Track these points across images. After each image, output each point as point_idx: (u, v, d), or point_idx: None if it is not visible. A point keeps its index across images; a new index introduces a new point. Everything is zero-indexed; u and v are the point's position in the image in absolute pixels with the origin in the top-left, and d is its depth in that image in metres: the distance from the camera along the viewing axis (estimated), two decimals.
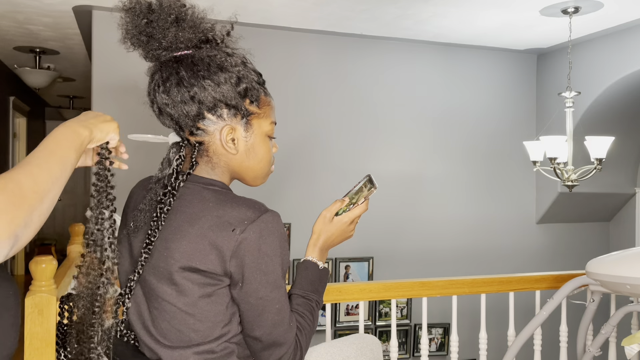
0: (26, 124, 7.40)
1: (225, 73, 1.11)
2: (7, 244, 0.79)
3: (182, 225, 1.09)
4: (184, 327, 1.09)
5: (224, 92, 1.11)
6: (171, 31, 1.10)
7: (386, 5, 3.58)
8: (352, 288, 2.38)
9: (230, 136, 1.14)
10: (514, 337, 2.60)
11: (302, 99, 4.20)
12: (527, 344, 2.70)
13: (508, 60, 4.77)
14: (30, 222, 0.84)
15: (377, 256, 4.42)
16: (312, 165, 4.24)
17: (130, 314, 1.18)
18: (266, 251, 1.07)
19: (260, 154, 1.18)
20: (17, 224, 0.80)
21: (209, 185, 1.14)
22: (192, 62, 1.11)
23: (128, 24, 1.12)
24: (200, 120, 1.12)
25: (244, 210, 1.07)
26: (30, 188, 0.86)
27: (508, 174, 4.79)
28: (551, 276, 2.65)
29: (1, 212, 0.78)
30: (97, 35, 3.76)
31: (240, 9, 3.60)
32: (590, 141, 3.40)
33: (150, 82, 1.15)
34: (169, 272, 1.09)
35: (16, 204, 0.81)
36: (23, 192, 0.84)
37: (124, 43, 1.14)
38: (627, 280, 2.14)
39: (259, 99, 1.17)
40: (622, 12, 3.67)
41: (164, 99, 1.12)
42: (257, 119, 1.17)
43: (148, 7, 1.11)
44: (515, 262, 4.77)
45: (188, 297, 1.08)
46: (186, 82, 1.10)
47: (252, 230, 1.06)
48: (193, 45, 1.12)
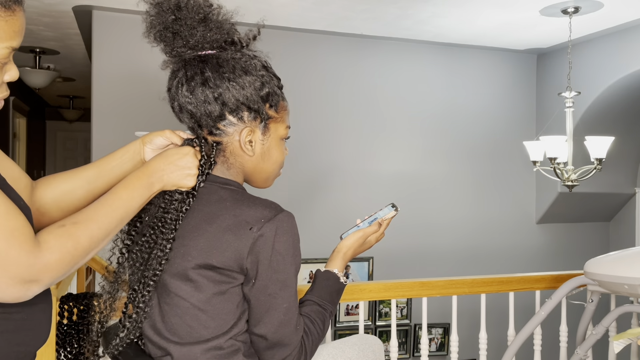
0: (26, 124, 7.40)
1: (250, 76, 1.13)
2: (42, 289, 0.93)
3: (200, 223, 1.11)
4: (196, 323, 1.10)
5: (248, 95, 1.13)
6: (199, 30, 1.12)
7: (386, 5, 3.58)
8: (352, 288, 2.38)
9: (249, 138, 1.16)
10: (514, 337, 2.60)
11: (302, 98, 4.20)
12: (527, 344, 2.70)
13: (508, 60, 4.77)
14: (67, 272, 0.96)
15: (377, 256, 4.42)
16: (311, 165, 4.24)
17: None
18: (279, 249, 1.09)
19: (274, 157, 1.21)
20: (57, 277, 0.93)
21: (225, 184, 1.16)
22: (218, 64, 1.12)
23: (154, 19, 1.13)
24: (221, 121, 1.14)
25: (261, 210, 1.09)
26: (84, 249, 0.96)
27: (508, 174, 4.79)
28: (551, 276, 2.65)
29: (50, 269, 0.91)
30: (97, 35, 3.76)
31: (240, 8, 3.60)
32: (590, 141, 3.40)
33: (172, 79, 1.16)
34: (184, 269, 1.10)
35: (65, 262, 0.93)
36: (76, 252, 0.95)
37: (147, 37, 1.15)
38: (625, 280, 2.14)
39: (278, 104, 1.19)
40: (622, 12, 3.67)
41: (187, 97, 1.13)
42: (275, 123, 1.19)
43: (176, 4, 1.12)
44: (515, 262, 4.77)
45: (202, 294, 1.09)
46: (212, 82, 1.12)
47: (269, 228, 1.08)
48: (218, 46, 1.14)
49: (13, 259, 0.87)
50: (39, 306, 1.01)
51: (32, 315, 1.00)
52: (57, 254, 0.92)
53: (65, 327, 1.79)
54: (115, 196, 1.04)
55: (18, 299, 0.90)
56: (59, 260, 0.92)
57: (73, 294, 1.84)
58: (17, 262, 0.87)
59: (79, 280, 2.95)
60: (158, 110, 3.46)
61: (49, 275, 0.91)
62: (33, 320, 1.00)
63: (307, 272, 4.26)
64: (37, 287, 0.91)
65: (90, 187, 1.17)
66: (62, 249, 0.93)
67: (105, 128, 3.78)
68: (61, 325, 1.79)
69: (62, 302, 1.80)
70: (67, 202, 1.15)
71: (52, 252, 0.91)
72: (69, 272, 0.96)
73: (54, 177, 1.21)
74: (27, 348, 1.00)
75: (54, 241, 0.92)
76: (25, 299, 0.91)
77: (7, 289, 0.88)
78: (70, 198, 1.16)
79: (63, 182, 1.19)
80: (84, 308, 1.81)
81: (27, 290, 0.90)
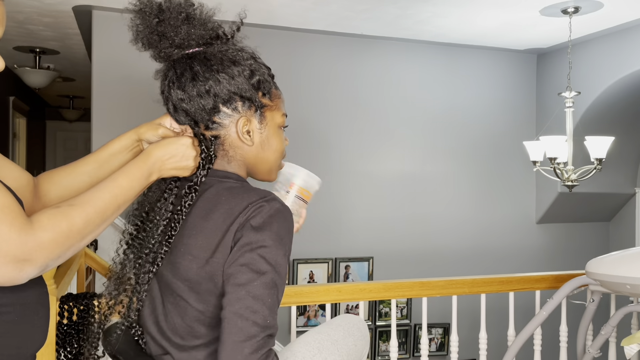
0: (26, 124, 7.40)
1: (238, 66, 1.14)
2: (36, 271, 0.90)
3: (197, 220, 1.10)
4: (195, 323, 1.09)
5: (239, 84, 1.14)
6: (183, 29, 1.13)
7: (386, 5, 3.58)
8: (352, 288, 2.38)
9: (246, 128, 1.16)
10: (514, 337, 2.60)
11: (302, 98, 4.20)
12: (527, 344, 2.70)
13: (508, 60, 4.77)
14: (63, 255, 0.93)
15: (377, 256, 4.42)
16: (311, 165, 4.23)
17: (145, 308, 1.19)
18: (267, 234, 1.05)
19: (274, 145, 1.21)
20: (51, 258, 0.91)
21: (223, 178, 1.16)
22: (205, 58, 1.14)
23: (139, 25, 1.15)
24: (216, 113, 1.15)
25: (253, 196, 1.08)
26: (78, 230, 0.94)
27: (508, 174, 4.79)
28: (551, 276, 2.65)
29: (42, 248, 0.89)
30: (97, 35, 3.76)
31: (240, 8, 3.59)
32: (590, 141, 3.40)
33: (164, 80, 1.17)
34: (185, 270, 1.09)
35: (59, 242, 0.91)
36: (70, 233, 0.93)
37: (136, 44, 1.17)
38: (627, 280, 2.14)
39: (271, 92, 1.19)
40: (622, 12, 3.67)
41: (179, 95, 1.14)
42: (270, 111, 1.20)
43: (159, 7, 1.14)
44: (515, 262, 4.77)
45: (200, 294, 1.08)
46: (201, 76, 1.12)
47: (261, 211, 1.05)
48: (204, 42, 1.15)
49: (3, 235, 0.84)
50: (32, 307, 0.98)
51: (25, 317, 0.97)
52: (50, 233, 0.89)
53: (65, 327, 1.79)
54: (115, 183, 1.04)
55: (12, 279, 0.87)
56: (53, 240, 0.90)
57: (73, 294, 1.84)
58: (7, 239, 0.85)
59: (79, 280, 2.95)
60: (158, 110, 3.46)
61: (43, 254, 0.88)
62: (25, 322, 0.97)
63: (307, 272, 4.26)
64: (30, 267, 0.88)
65: (92, 180, 1.18)
66: (56, 228, 0.90)
67: (105, 128, 3.78)
68: (61, 325, 1.79)
69: (62, 302, 1.80)
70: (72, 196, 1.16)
71: (45, 230, 0.89)
72: (64, 256, 0.93)
73: (54, 172, 1.21)
74: (20, 351, 0.97)
75: (47, 220, 0.90)
76: (19, 281, 0.88)
77: (0, 269, 0.85)
78: (75, 193, 1.16)
79: (64, 177, 1.19)
80: (84, 308, 1.81)
81: (21, 271, 0.87)
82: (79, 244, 0.96)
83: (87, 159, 1.23)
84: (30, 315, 0.98)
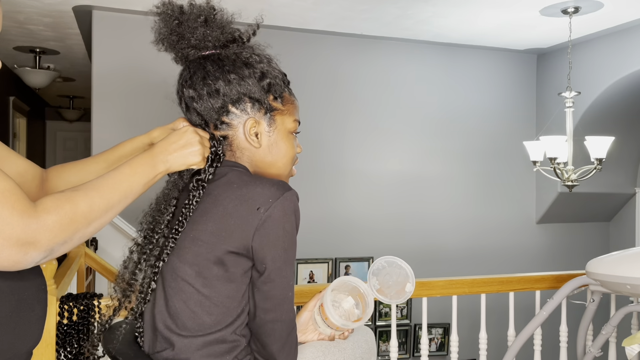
0: (26, 124, 7.40)
1: (250, 68, 1.16)
2: (41, 255, 0.89)
3: (209, 207, 1.11)
4: (199, 308, 1.10)
5: (248, 85, 1.15)
6: (200, 30, 1.16)
7: (386, 5, 3.58)
8: None
9: (253, 129, 1.17)
10: (514, 337, 2.59)
11: (302, 98, 4.19)
12: (527, 344, 2.70)
13: (508, 60, 4.77)
14: (70, 241, 0.92)
15: (377, 256, 4.41)
16: (311, 165, 4.23)
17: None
18: (289, 229, 1.09)
19: (283, 150, 1.20)
20: (56, 241, 0.90)
21: (233, 166, 1.17)
22: (219, 59, 1.16)
23: (161, 27, 1.18)
24: (225, 113, 1.16)
25: (268, 188, 1.09)
26: (83, 214, 0.94)
27: (508, 174, 4.79)
28: (551, 276, 2.65)
29: (47, 230, 0.88)
30: (97, 35, 3.76)
31: (240, 8, 3.60)
32: (590, 141, 3.40)
33: (179, 80, 1.19)
34: (194, 255, 1.10)
35: (63, 225, 0.90)
36: (75, 216, 0.92)
37: (157, 45, 1.20)
38: (627, 280, 2.14)
39: (283, 96, 1.20)
40: (622, 12, 3.67)
41: (190, 93, 1.16)
42: (281, 115, 1.20)
43: (180, 9, 1.16)
44: (515, 262, 4.76)
45: (207, 279, 1.09)
46: (212, 75, 1.14)
47: (277, 208, 1.07)
48: (220, 44, 1.17)
49: (6, 218, 0.84)
50: (28, 302, 0.97)
51: (20, 312, 0.96)
52: (54, 215, 0.89)
53: (65, 327, 1.79)
54: (118, 171, 1.04)
55: (16, 263, 0.87)
56: (57, 222, 0.89)
57: (73, 294, 1.84)
58: (10, 221, 0.84)
59: (79, 280, 2.95)
60: (158, 110, 3.46)
61: (47, 237, 0.88)
62: (20, 318, 0.96)
63: (307, 272, 4.26)
64: (35, 251, 0.87)
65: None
66: (60, 211, 0.90)
67: (105, 128, 3.78)
68: (61, 325, 1.78)
69: (62, 302, 1.80)
70: None
71: (48, 212, 0.89)
72: (70, 241, 0.93)
73: (64, 168, 1.23)
74: (13, 347, 0.96)
75: (50, 202, 0.90)
76: (24, 265, 0.88)
77: (3, 252, 0.85)
78: None
79: (74, 174, 1.21)
80: (84, 308, 1.81)
81: (25, 254, 0.86)
82: (85, 230, 0.95)
83: (97, 157, 1.25)
84: (26, 311, 0.97)
